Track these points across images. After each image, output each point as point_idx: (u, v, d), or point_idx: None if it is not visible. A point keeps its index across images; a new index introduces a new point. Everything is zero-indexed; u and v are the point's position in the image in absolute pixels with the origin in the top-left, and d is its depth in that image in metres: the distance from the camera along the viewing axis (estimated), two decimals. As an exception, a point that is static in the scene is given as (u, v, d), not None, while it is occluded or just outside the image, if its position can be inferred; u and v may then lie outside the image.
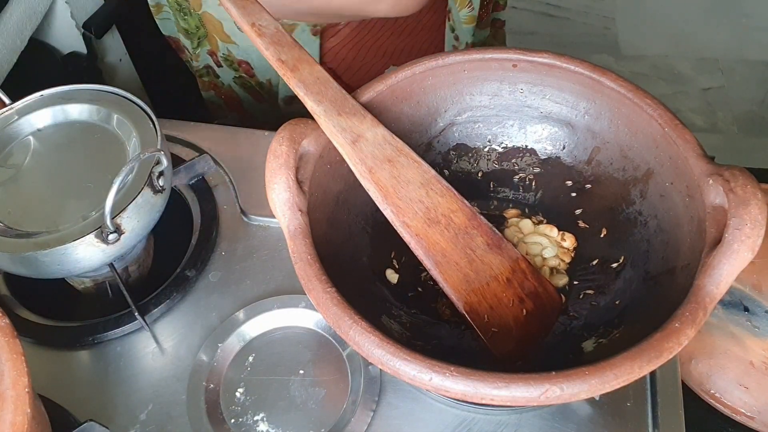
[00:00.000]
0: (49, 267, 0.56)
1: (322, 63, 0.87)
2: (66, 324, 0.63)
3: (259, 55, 0.84)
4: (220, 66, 0.93)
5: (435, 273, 0.51)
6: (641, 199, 0.56)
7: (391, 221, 0.51)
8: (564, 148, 0.61)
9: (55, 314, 0.65)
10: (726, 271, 0.43)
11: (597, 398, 0.58)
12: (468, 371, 0.40)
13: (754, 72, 2.09)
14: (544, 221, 0.62)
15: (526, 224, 0.62)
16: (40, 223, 0.58)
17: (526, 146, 0.62)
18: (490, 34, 1.00)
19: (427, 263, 0.51)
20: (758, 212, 0.43)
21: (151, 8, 0.94)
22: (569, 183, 0.61)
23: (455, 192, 0.54)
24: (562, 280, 0.58)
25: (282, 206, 0.48)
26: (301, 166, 0.50)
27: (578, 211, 0.61)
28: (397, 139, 0.53)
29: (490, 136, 0.62)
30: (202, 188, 0.73)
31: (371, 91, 0.56)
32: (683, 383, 0.61)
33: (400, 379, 0.41)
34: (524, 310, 0.53)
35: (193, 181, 0.73)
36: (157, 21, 0.96)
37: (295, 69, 0.52)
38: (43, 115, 0.65)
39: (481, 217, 0.54)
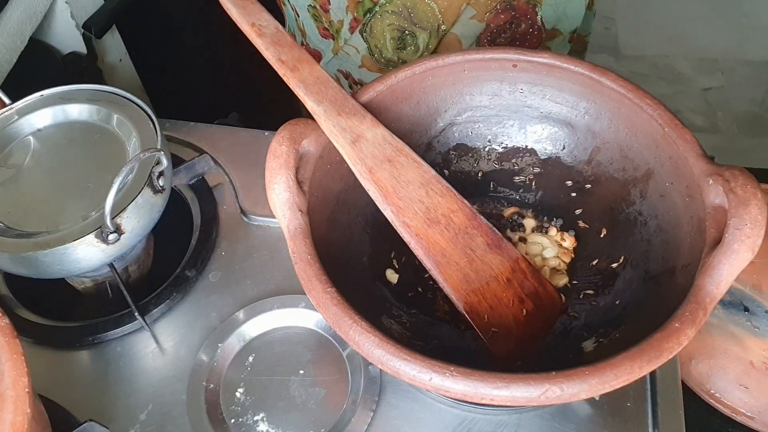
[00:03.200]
0: (49, 267, 0.56)
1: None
2: (66, 324, 0.63)
3: None
4: None
5: (435, 273, 0.51)
6: (641, 199, 0.56)
7: (391, 221, 0.51)
8: (564, 148, 0.61)
9: (55, 314, 0.65)
10: (726, 271, 0.43)
11: (597, 398, 0.57)
12: (468, 371, 0.40)
13: (754, 72, 2.09)
14: (546, 223, 0.62)
15: (529, 223, 0.62)
16: (40, 223, 0.58)
17: (526, 146, 0.62)
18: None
19: (427, 263, 0.51)
20: (758, 212, 0.43)
21: (326, 49, 0.90)
22: (569, 183, 0.61)
23: (455, 192, 0.54)
24: (562, 280, 0.58)
25: (282, 206, 0.48)
26: (301, 166, 0.50)
27: (578, 211, 0.61)
28: (397, 139, 0.53)
29: (490, 136, 0.62)
30: (202, 188, 0.73)
31: (371, 91, 0.56)
32: (683, 383, 0.61)
33: (400, 379, 0.41)
34: (524, 310, 0.53)
35: (193, 181, 0.73)
36: (327, 60, 0.91)
37: (295, 69, 0.52)
38: (43, 115, 0.65)
39: (481, 217, 0.54)
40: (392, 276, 0.58)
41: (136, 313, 0.62)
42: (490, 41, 0.80)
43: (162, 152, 0.59)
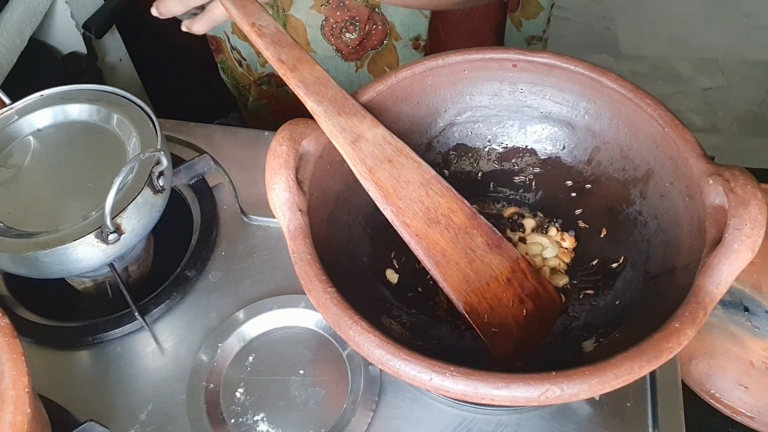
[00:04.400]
0: (49, 267, 0.56)
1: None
2: (66, 324, 0.63)
3: (337, 65, 0.85)
4: None
5: (435, 273, 0.51)
6: (641, 199, 0.56)
7: (391, 221, 0.51)
8: (564, 148, 0.61)
9: (55, 314, 0.65)
10: (726, 271, 0.43)
11: (597, 398, 0.58)
12: (468, 371, 0.40)
13: (754, 72, 2.09)
14: (546, 223, 0.62)
15: (529, 223, 0.62)
16: (40, 223, 0.58)
17: (526, 146, 0.62)
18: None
19: (427, 263, 0.51)
20: (758, 212, 0.43)
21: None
22: (569, 183, 0.61)
23: (455, 192, 0.54)
24: (562, 280, 0.58)
25: (282, 206, 0.48)
26: (301, 166, 0.50)
27: (578, 211, 0.61)
28: (397, 139, 0.53)
29: (490, 136, 0.62)
30: (202, 188, 0.73)
31: (371, 91, 0.56)
32: (683, 383, 0.61)
33: (400, 379, 0.41)
34: (524, 310, 0.53)
35: (193, 181, 0.73)
36: None
37: (295, 69, 0.52)
38: (43, 115, 0.65)
39: (481, 217, 0.54)
40: (392, 276, 0.58)
41: (136, 313, 0.62)
42: (334, 35, 0.83)
43: (162, 152, 0.59)
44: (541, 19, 0.90)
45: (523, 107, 0.60)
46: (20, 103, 0.65)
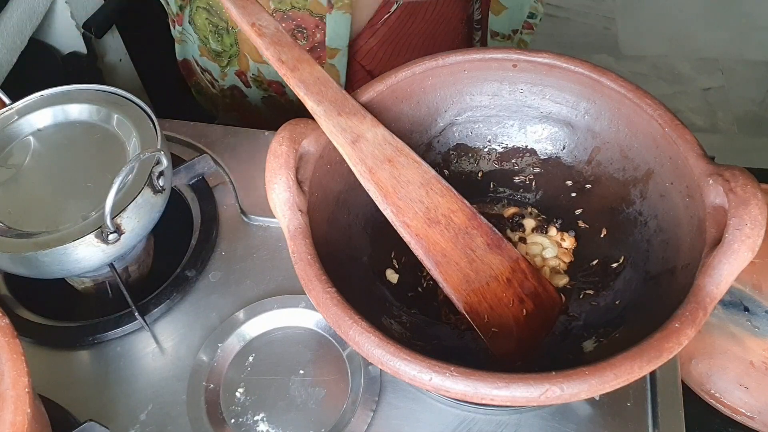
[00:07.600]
0: (49, 267, 0.56)
1: (358, 63, 0.87)
2: (66, 324, 0.63)
3: None
4: (248, 86, 0.93)
5: (435, 273, 0.51)
6: (641, 199, 0.56)
7: (391, 221, 0.51)
8: (564, 148, 0.61)
9: (55, 314, 0.65)
10: (726, 271, 0.43)
11: (597, 398, 0.58)
12: (468, 371, 0.40)
13: (754, 72, 2.09)
14: (546, 223, 0.62)
15: (529, 223, 0.62)
16: (40, 223, 0.58)
17: (526, 146, 0.62)
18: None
19: (427, 263, 0.51)
20: (758, 212, 0.43)
21: (175, 37, 0.95)
22: (569, 183, 0.61)
23: (455, 192, 0.54)
24: (562, 280, 0.58)
25: (282, 206, 0.48)
26: (301, 166, 0.50)
27: (578, 211, 0.61)
28: (397, 139, 0.53)
29: (490, 136, 0.62)
30: (202, 188, 0.73)
31: (371, 91, 0.56)
32: (683, 383, 0.61)
33: (400, 379, 0.41)
34: (524, 310, 0.53)
35: (193, 181, 0.73)
36: (177, 46, 0.97)
37: (295, 69, 0.52)
38: (43, 115, 0.65)
39: (481, 217, 0.54)
40: (392, 276, 0.58)
41: (136, 313, 0.62)
42: None
43: (162, 152, 0.59)
44: (504, 17, 0.90)
45: (523, 107, 0.60)
46: (20, 103, 0.65)
